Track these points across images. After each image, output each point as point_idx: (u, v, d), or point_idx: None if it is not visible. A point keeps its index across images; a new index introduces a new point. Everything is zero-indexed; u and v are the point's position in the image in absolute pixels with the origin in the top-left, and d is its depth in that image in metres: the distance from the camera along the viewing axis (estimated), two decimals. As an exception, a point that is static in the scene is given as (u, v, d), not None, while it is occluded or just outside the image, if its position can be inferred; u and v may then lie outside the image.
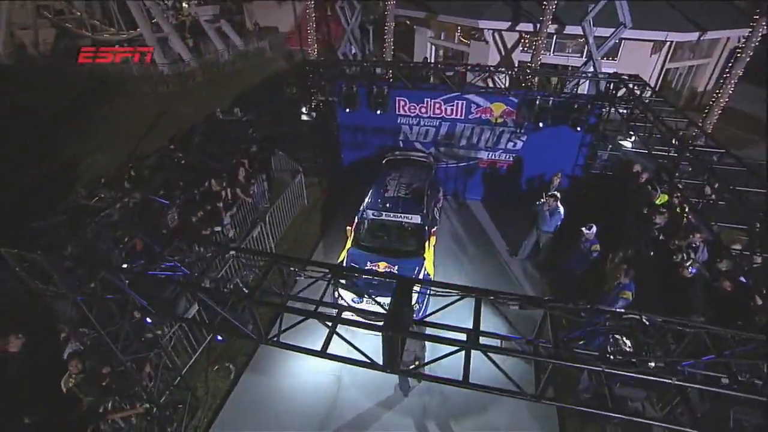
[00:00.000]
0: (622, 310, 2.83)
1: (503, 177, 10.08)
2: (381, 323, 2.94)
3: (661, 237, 7.21)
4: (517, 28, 14.23)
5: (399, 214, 7.74)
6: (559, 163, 9.33)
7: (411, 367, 5.39)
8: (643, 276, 6.68)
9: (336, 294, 6.94)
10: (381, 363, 3.15)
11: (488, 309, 3.60)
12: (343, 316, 3.48)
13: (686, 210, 7.18)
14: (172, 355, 5.81)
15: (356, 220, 7.93)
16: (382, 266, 7.16)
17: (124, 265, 3.86)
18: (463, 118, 9.39)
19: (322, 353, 3.24)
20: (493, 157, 9.87)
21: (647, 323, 2.76)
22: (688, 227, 7.16)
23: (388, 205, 7.89)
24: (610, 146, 9.23)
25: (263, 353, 6.71)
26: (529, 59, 16.73)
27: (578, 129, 8.48)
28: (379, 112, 9.13)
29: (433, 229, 8.01)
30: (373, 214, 7.87)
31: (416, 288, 6.71)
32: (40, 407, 4.41)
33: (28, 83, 17.66)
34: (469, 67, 9.04)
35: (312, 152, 11.08)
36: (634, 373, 2.55)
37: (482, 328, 3.19)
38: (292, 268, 3.64)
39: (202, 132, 9.10)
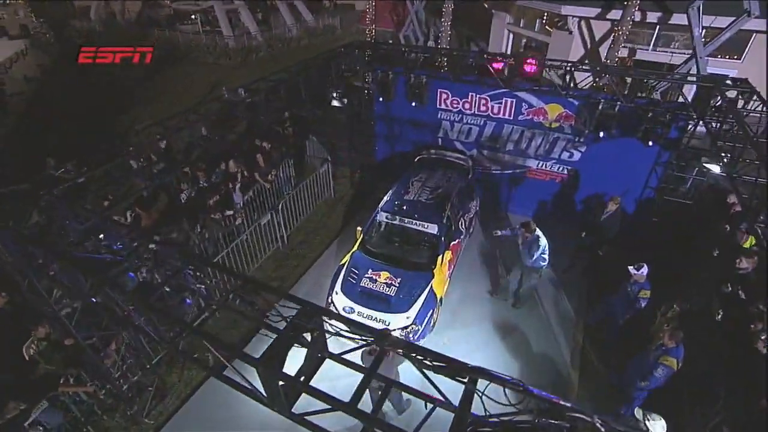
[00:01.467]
0: (568, 404, 2.22)
1: (554, 192, 9.14)
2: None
3: (741, 293, 5.96)
4: (608, 16, 12.68)
5: (413, 221, 7.33)
6: (625, 183, 8.22)
7: (380, 393, 5.08)
8: (703, 340, 5.60)
9: (329, 299, 6.81)
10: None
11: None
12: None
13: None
14: (146, 335, 6.04)
15: (368, 221, 7.69)
16: (383, 276, 6.85)
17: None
18: (511, 118, 8.61)
19: (215, 373, 3.06)
20: (543, 167, 8.95)
21: (601, 429, 2.12)
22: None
23: (404, 208, 7.53)
24: (696, 168, 7.85)
25: (246, 350, 6.77)
26: (626, 54, 14.96)
27: (650, 143, 7.29)
28: (414, 104, 8.68)
29: (453, 242, 7.49)
30: (386, 217, 7.56)
31: (419, 302, 6.45)
32: (3, 367, 4.81)
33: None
34: (513, 60, 8.09)
35: (347, 141, 10.97)
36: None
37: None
38: (193, 269, 3.43)
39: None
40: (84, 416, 5.38)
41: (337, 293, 6.75)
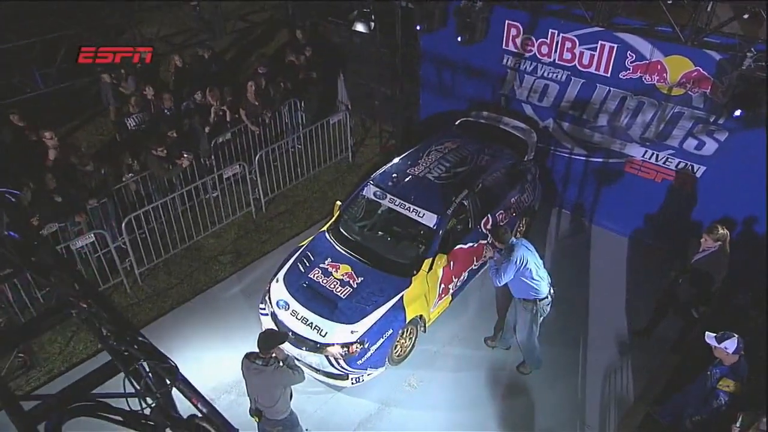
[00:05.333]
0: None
1: (669, 202, 7.68)
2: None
3: None
4: None
5: (407, 204, 6.71)
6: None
7: None
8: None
9: (267, 287, 6.71)
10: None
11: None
12: None
13: None
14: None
15: (351, 194, 7.36)
16: (341, 271, 6.50)
17: None
18: (609, 75, 7.31)
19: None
20: (653, 160, 7.49)
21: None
22: None
23: (402, 184, 7.02)
24: None
25: (157, 331, 6.84)
26: None
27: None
28: (459, 38, 7.77)
29: (462, 246, 6.81)
30: (374, 194, 7.06)
31: (375, 315, 5.92)
32: None
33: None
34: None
35: (389, 86, 10.42)
36: None
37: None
38: None
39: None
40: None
41: (277, 281, 6.60)
